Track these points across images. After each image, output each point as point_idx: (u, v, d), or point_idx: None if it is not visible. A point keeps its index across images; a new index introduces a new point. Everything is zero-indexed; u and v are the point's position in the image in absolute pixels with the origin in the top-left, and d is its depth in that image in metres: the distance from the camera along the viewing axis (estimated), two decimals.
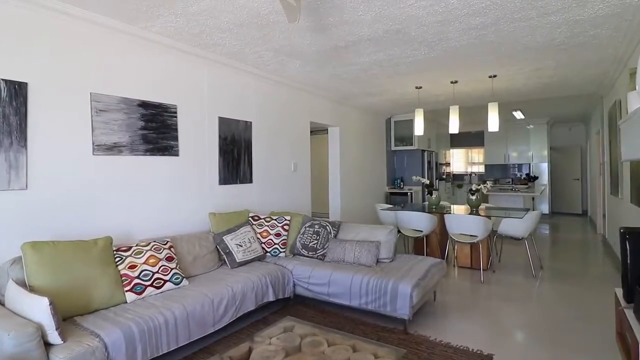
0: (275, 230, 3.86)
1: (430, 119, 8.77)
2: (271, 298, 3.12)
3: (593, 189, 8.46)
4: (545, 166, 9.70)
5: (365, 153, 7.16)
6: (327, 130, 6.41)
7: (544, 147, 9.69)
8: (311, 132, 7.88)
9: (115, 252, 2.65)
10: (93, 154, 2.89)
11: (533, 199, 9.47)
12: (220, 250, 3.43)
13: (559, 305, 3.52)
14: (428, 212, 4.75)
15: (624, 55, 3.92)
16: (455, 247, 4.91)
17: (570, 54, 3.97)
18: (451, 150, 11.31)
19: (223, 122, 4.02)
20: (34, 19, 2.55)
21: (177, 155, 3.53)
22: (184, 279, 2.86)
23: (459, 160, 11.54)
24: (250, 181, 4.36)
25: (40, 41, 2.59)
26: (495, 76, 4.81)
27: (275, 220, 3.94)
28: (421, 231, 4.72)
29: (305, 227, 3.90)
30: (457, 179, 11.28)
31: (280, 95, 4.85)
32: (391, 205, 5.92)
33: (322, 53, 3.85)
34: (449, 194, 10.31)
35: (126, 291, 2.54)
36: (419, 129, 5.41)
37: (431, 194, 5.23)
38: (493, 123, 4.83)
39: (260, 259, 3.62)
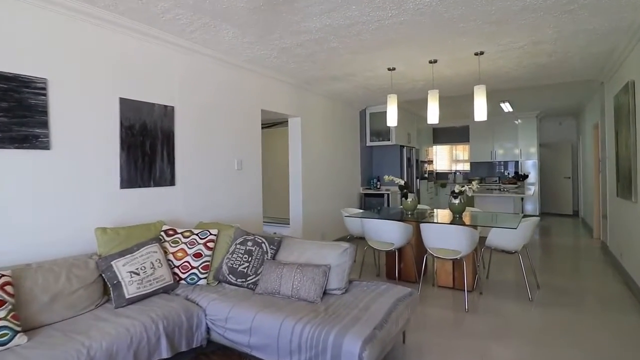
0: (194, 249, 2.89)
1: (410, 111, 7.90)
2: (165, 355, 2.15)
3: (586, 188, 7.72)
4: (533, 164, 8.96)
5: (336, 149, 6.23)
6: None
7: (532, 143, 8.94)
8: (271, 124, 6.95)
9: None
10: None
11: (522, 199, 8.72)
12: (106, 280, 2.46)
13: (566, 345, 2.65)
14: (401, 220, 3.85)
15: None
16: (435, 263, 4.03)
17: (576, 20, 3.10)
18: (434, 146, 10.49)
19: (128, 105, 3.03)
20: None
21: (46, 148, 2.53)
22: (19, 334, 1.87)
23: (442, 158, 10.73)
24: (172, 183, 3.38)
25: None
26: (482, 53, 3.93)
27: (197, 235, 2.97)
28: (392, 244, 3.81)
29: (236, 245, 2.94)
30: (441, 178, 10.47)
31: (217, 75, 3.87)
32: (361, 210, 5.02)
33: (258, 13, 2.89)
34: (432, 194, 9.49)
35: None
36: (392, 118, 4.50)
37: (406, 197, 4.33)
38: (480, 110, 3.95)
39: (166, 290, 2.65)
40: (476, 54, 3.95)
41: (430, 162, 10.04)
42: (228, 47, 3.64)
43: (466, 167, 10.30)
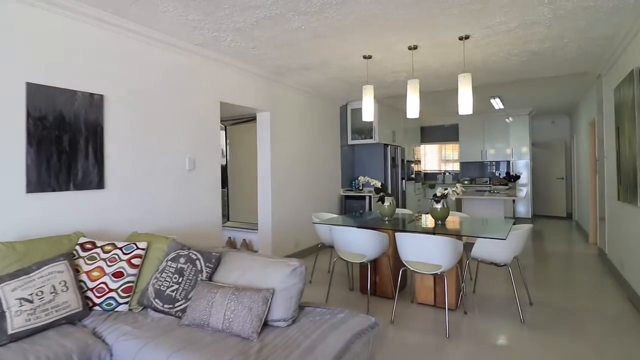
0: (115, 266, 2.36)
1: (395, 107, 7.42)
2: None
3: (581, 189, 7.31)
4: (525, 164, 8.54)
5: (313, 147, 5.72)
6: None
7: (524, 143, 8.53)
8: (243, 119, 6.38)
9: None
10: None
11: (514, 201, 8.32)
12: None
13: None
14: (376, 228, 3.36)
15: None
16: (415, 277, 3.54)
17: None
18: (422, 146, 10.03)
19: (38, 91, 2.49)
20: None
21: None
22: None
23: (431, 158, 10.27)
24: (100, 186, 2.85)
25: None
26: (467, 38, 3.46)
27: (121, 249, 2.44)
28: (365, 256, 3.32)
29: (167, 261, 2.43)
30: (430, 178, 10.02)
31: (162, 60, 3.35)
32: (336, 215, 4.52)
33: None
34: (420, 196, 9.02)
35: None
36: (368, 112, 4.01)
37: (383, 201, 3.83)
38: (465, 102, 3.47)
39: (72, 320, 2.12)
40: (461, 39, 3.48)
41: (418, 162, 9.58)
42: (173, 28, 3.12)
43: (456, 167, 9.86)
